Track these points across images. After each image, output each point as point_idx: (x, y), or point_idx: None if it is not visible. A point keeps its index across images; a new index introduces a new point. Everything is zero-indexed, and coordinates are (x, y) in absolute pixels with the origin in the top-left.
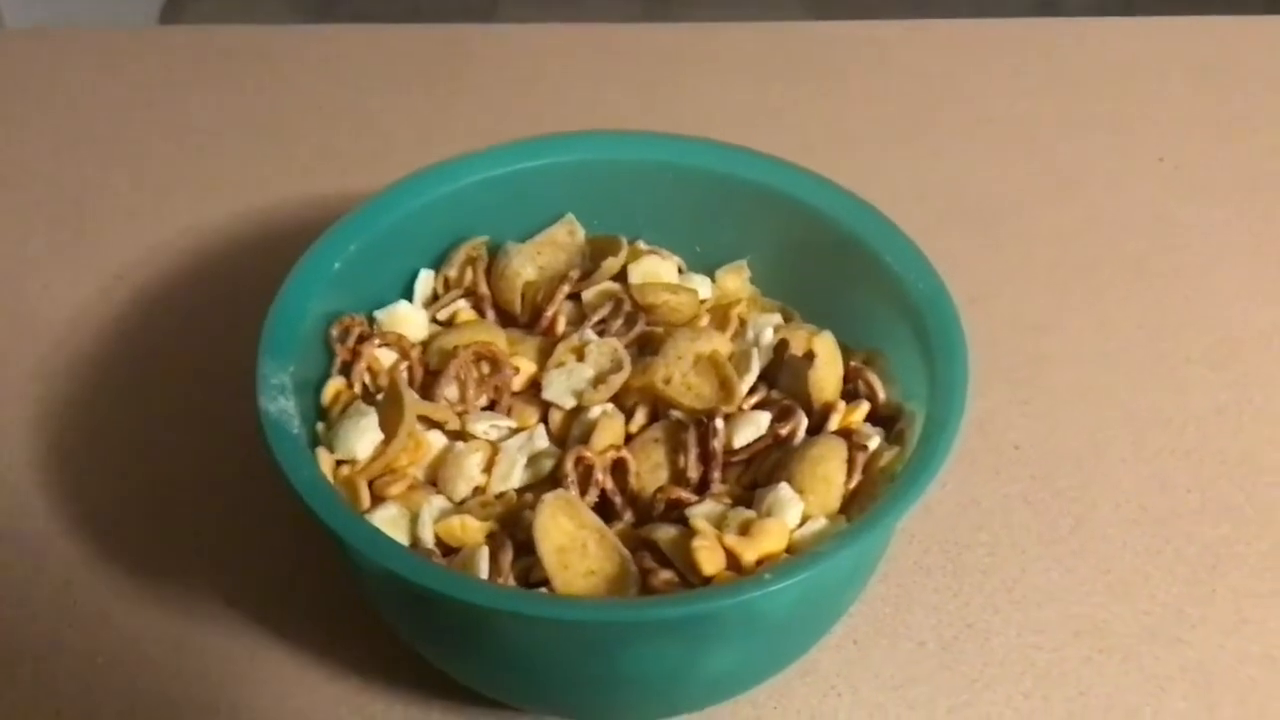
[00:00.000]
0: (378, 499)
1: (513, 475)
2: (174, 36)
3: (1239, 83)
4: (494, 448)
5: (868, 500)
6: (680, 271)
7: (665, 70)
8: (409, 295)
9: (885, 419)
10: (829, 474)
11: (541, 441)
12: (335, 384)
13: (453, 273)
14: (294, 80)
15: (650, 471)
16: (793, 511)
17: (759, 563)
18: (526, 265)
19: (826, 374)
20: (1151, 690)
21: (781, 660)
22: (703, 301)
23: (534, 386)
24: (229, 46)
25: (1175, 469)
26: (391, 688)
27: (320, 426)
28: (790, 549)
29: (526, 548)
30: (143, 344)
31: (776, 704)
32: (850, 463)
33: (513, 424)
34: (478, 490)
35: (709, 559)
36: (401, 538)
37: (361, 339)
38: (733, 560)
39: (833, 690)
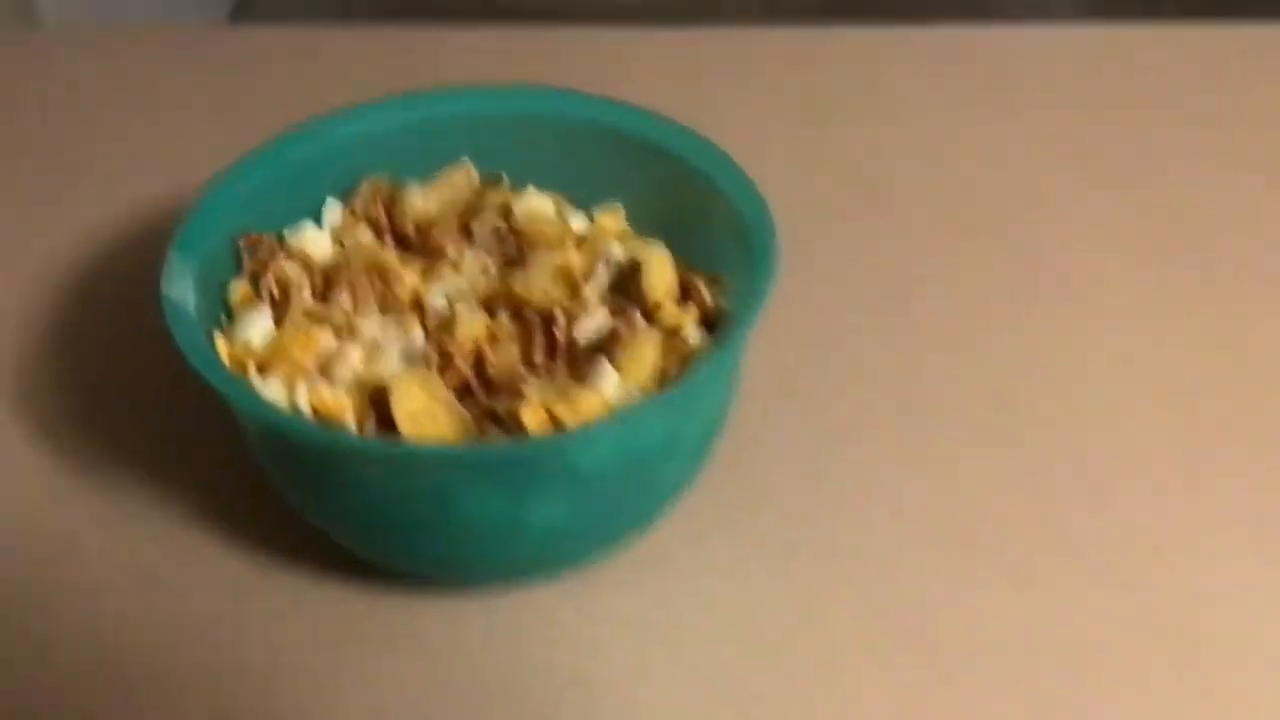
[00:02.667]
0: (265, 376)
1: (388, 366)
2: (158, 35)
3: (1163, 86)
4: (374, 343)
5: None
6: (558, 210)
7: (587, 72)
8: (318, 223)
9: (712, 323)
10: (643, 354)
11: (418, 339)
12: (241, 286)
13: (358, 205)
14: (260, 72)
15: (505, 361)
16: (608, 382)
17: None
18: (421, 199)
19: (656, 278)
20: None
21: (608, 524)
22: (573, 232)
23: (419, 299)
24: (201, 43)
25: (1026, 398)
26: (278, 550)
27: (225, 321)
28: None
29: (391, 426)
30: (100, 283)
31: (619, 579)
32: (671, 350)
33: (396, 326)
34: (358, 377)
35: (531, 417)
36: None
37: (270, 253)
38: (556, 423)
39: (673, 566)
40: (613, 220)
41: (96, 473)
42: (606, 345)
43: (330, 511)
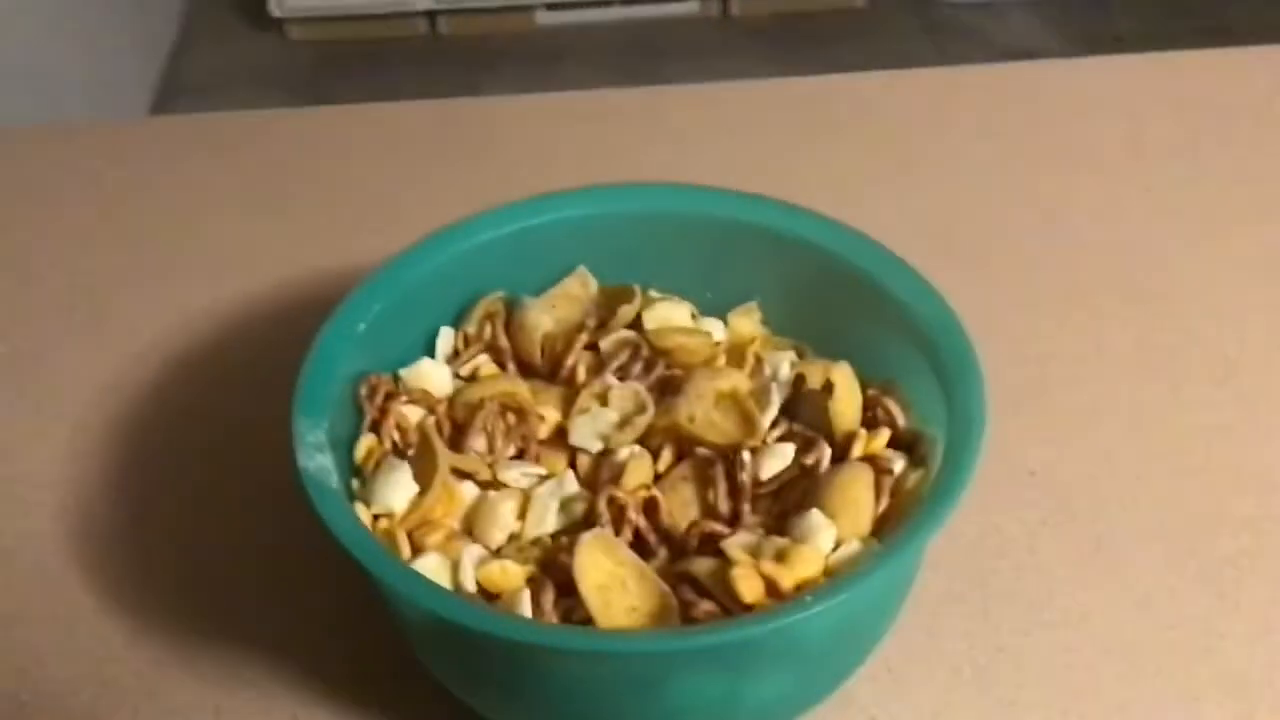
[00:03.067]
0: (417, 549)
1: (546, 520)
2: (174, 126)
3: (1216, 113)
4: (525, 495)
5: (897, 523)
6: (693, 316)
7: (653, 132)
8: (431, 353)
9: (906, 445)
10: (857, 498)
11: (571, 486)
12: (367, 441)
13: (472, 329)
14: (291, 160)
15: (681, 508)
16: (825, 536)
17: (797, 588)
18: (544, 317)
19: (846, 403)
20: (1186, 702)
21: (823, 688)
22: (717, 343)
23: (559, 434)
24: (226, 132)
25: (1188, 485)
26: None
27: (355, 483)
28: (826, 573)
29: (566, 590)
30: (167, 414)
31: None
32: (877, 486)
33: (542, 471)
34: (513, 537)
35: (748, 586)
36: (444, 585)
37: (389, 397)
38: (771, 587)
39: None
40: (749, 324)
41: (207, 653)
42: (799, 485)
43: (510, 704)
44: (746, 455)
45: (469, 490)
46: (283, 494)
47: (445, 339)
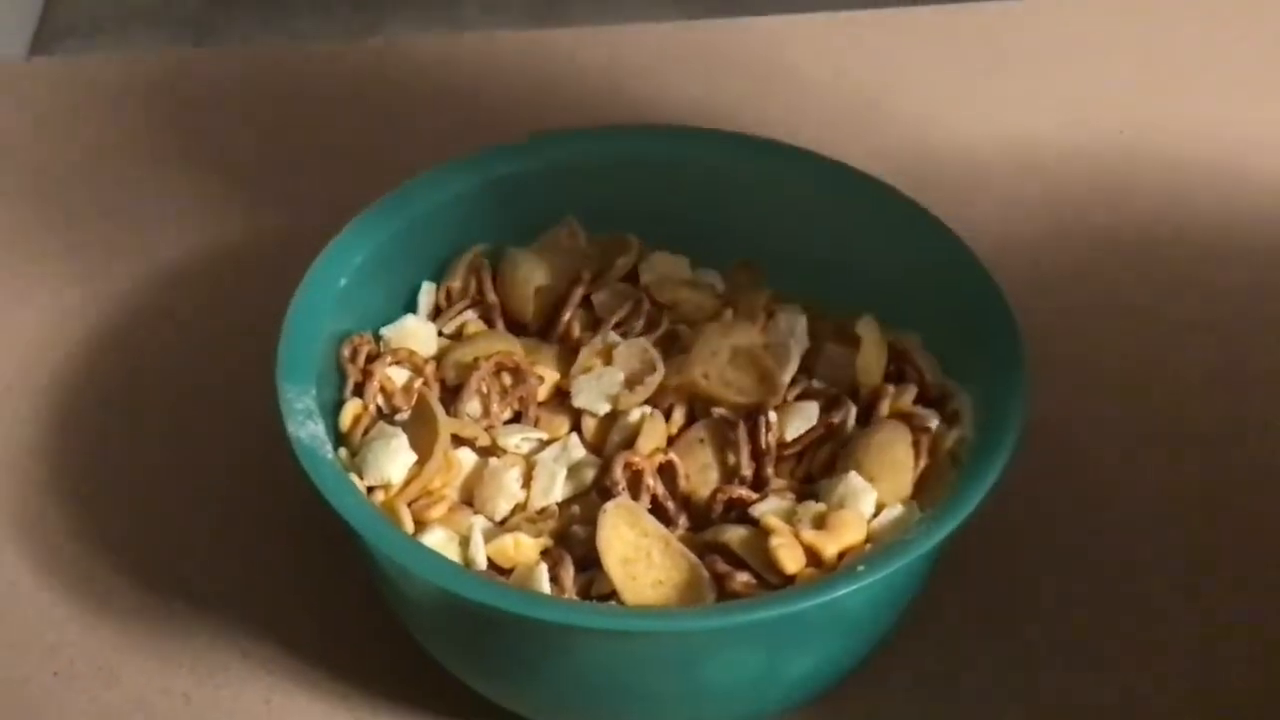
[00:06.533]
0: (419, 523)
1: (554, 488)
2: (63, 69)
3: (1188, 51)
4: (529, 461)
5: (936, 484)
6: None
7: (593, 74)
8: (411, 310)
9: (932, 399)
10: (898, 459)
11: (578, 451)
12: (354, 406)
13: (456, 283)
14: (205, 107)
15: (699, 473)
16: (866, 501)
17: (840, 556)
18: (536, 271)
19: (873, 358)
20: (1198, 645)
21: (853, 659)
22: (719, 296)
23: (559, 395)
24: (126, 75)
25: (1179, 436)
26: None
27: (342, 452)
28: (868, 539)
29: (581, 562)
30: (110, 381)
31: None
32: (916, 446)
33: (543, 435)
34: (518, 507)
35: (790, 557)
36: (455, 561)
37: (371, 358)
38: (812, 556)
39: (882, 687)
40: (746, 275)
41: (171, 635)
42: (825, 446)
43: (528, 687)
44: (772, 415)
45: (466, 457)
46: (246, 461)
47: (427, 294)
